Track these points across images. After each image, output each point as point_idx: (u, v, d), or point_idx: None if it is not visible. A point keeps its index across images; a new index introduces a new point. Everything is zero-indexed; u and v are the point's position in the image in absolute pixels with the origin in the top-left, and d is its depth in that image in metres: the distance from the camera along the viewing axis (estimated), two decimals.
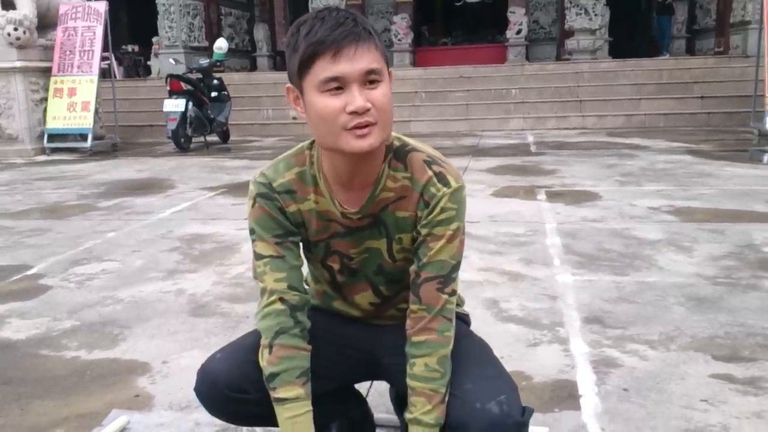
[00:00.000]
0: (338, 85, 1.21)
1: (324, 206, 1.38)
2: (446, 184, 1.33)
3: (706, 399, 2.01)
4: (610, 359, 2.31)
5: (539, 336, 2.53)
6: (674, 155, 7.29)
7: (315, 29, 1.22)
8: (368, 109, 1.22)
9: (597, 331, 2.55)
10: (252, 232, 1.39)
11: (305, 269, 1.51)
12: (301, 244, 1.43)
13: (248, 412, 1.43)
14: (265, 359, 1.36)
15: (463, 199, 1.35)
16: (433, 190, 1.32)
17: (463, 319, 1.56)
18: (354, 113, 1.21)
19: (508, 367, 1.84)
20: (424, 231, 1.34)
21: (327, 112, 1.23)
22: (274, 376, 1.35)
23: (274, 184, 1.37)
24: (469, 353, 1.41)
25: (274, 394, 1.35)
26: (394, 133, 1.37)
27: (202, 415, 1.51)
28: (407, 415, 1.35)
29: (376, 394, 2.03)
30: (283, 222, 1.38)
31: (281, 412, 1.35)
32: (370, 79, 1.23)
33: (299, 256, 1.42)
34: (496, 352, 1.54)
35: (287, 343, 1.36)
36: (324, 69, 1.21)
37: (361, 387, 1.88)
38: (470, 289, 3.00)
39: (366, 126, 1.22)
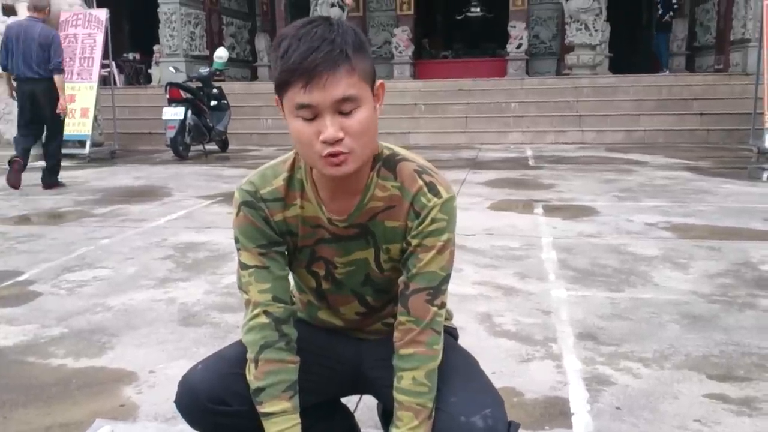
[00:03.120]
0: (310, 113, 1.19)
1: (310, 212, 1.36)
2: (437, 194, 1.30)
3: (700, 419, 1.98)
4: (603, 377, 2.28)
5: (532, 352, 2.50)
6: (673, 171, 7.28)
7: (290, 52, 1.17)
8: (340, 139, 1.19)
9: (590, 348, 2.52)
10: (237, 240, 1.38)
11: (292, 278, 1.48)
12: (286, 254, 1.40)
13: (230, 424, 1.40)
14: (251, 374, 1.34)
15: (454, 210, 1.33)
16: (423, 200, 1.30)
17: (451, 333, 1.53)
18: (326, 142, 1.19)
19: (499, 382, 1.82)
20: (414, 242, 1.31)
21: (301, 137, 1.21)
22: (260, 390, 1.33)
23: (261, 192, 1.34)
24: (454, 366, 1.38)
25: (260, 409, 1.33)
26: (383, 143, 1.35)
27: (188, 426, 1.47)
28: (393, 430, 1.32)
29: (365, 408, 2.00)
30: (267, 232, 1.35)
31: (268, 427, 1.32)
32: (342, 109, 1.18)
33: (284, 266, 1.39)
34: (488, 368, 1.51)
35: (272, 357, 1.34)
36: (295, 96, 1.18)
37: (350, 401, 1.85)
38: (464, 303, 2.97)
39: (339, 155, 1.20)
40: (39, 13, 6.62)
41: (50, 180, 6.76)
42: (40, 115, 6.60)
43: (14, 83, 6.63)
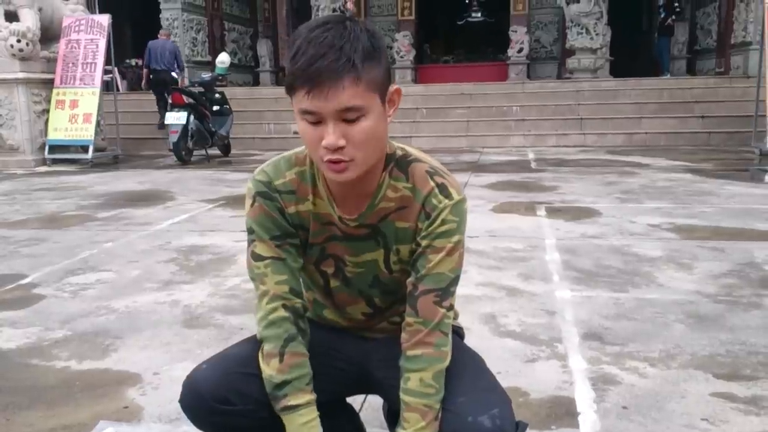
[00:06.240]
0: (314, 119, 1.18)
1: (322, 209, 1.36)
2: (448, 196, 1.30)
3: (707, 418, 1.97)
4: (609, 376, 2.27)
5: (537, 352, 2.49)
6: (675, 173, 7.27)
7: (299, 55, 1.16)
8: (341, 147, 1.18)
9: (596, 348, 2.51)
10: (251, 231, 1.36)
11: None
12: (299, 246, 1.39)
13: (234, 424, 1.39)
14: (274, 368, 1.33)
15: (465, 212, 1.33)
16: (434, 201, 1.30)
17: (457, 332, 1.52)
18: (327, 149, 1.19)
19: (505, 382, 1.81)
20: (424, 243, 1.31)
21: (306, 138, 1.22)
22: (285, 383, 1.32)
23: (275, 183, 1.34)
24: (462, 366, 1.37)
25: (284, 402, 1.32)
26: (397, 144, 1.34)
27: (192, 427, 1.46)
28: (399, 431, 1.31)
29: (370, 408, 1.99)
30: (281, 223, 1.35)
31: (294, 419, 1.32)
32: (346, 117, 1.17)
33: (298, 258, 1.39)
34: (493, 368, 1.50)
35: (297, 350, 1.34)
36: (301, 100, 1.18)
37: (356, 401, 1.84)
38: (468, 304, 2.97)
39: (339, 162, 1.20)
40: (167, 36, 12.17)
41: None
42: (164, 94, 10.57)
43: (150, 76, 11.72)
